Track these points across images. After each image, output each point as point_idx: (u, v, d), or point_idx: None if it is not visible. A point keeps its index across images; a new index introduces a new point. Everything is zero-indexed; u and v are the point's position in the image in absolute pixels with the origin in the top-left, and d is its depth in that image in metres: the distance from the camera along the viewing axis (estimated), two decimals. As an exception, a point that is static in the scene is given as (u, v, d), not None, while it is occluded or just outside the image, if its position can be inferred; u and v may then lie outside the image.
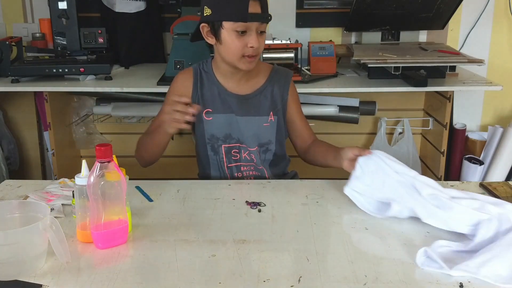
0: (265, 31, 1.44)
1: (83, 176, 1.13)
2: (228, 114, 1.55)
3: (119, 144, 2.74)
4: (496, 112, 2.78)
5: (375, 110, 2.62)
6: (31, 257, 1.03)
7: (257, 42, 1.41)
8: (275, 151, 1.61)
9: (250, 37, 1.41)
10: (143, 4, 2.57)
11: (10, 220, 1.10)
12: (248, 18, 1.38)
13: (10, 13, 2.71)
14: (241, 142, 1.57)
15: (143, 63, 2.65)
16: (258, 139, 1.58)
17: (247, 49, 1.42)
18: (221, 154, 1.58)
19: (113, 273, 1.02)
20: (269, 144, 1.59)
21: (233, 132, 1.56)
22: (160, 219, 1.26)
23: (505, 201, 1.23)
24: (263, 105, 1.57)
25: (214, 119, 1.56)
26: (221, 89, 1.56)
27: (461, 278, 0.98)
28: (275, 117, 1.58)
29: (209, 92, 1.56)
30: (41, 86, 2.26)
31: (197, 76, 1.57)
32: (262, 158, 1.60)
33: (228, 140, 1.57)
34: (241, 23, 1.39)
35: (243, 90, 1.56)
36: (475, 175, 2.53)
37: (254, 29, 1.40)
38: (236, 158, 1.59)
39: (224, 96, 1.55)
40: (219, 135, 1.57)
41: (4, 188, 1.44)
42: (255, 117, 1.56)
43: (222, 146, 1.57)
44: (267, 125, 1.57)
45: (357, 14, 2.47)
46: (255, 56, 1.45)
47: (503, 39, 2.68)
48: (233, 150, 1.58)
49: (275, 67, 1.63)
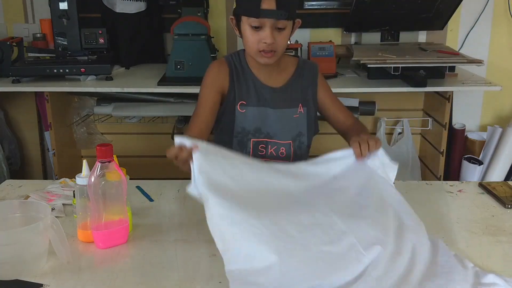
0: (285, 27, 1.41)
1: (84, 176, 1.14)
2: (262, 107, 1.54)
3: (120, 144, 2.75)
4: (495, 112, 2.78)
5: (375, 110, 2.62)
6: (32, 257, 1.03)
7: (271, 38, 1.40)
8: (308, 143, 1.61)
9: (264, 33, 1.41)
10: (144, 5, 2.58)
11: (11, 220, 1.10)
12: (260, 14, 1.38)
13: (11, 13, 2.71)
14: (270, 137, 1.55)
15: (143, 64, 2.65)
16: (290, 131, 1.57)
17: (262, 44, 1.42)
18: (248, 148, 1.55)
19: (113, 272, 1.03)
20: (301, 136, 1.58)
21: (263, 126, 1.55)
22: (161, 219, 1.26)
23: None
24: (293, 97, 1.57)
25: (247, 112, 1.53)
26: (256, 82, 1.54)
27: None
28: (304, 108, 1.57)
29: (245, 84, 1.54)
30: (42, 86, 2.27)
31: (232, 67, 1.54)
32: (298, 154, 1.59)
33: (258, 134, 1.55)
34: (254, 19, 1.40)
35: (275, 83, 1.56)
36: (474, 175, 2.53)
37: (269, 25, 1.39)
38: (262, 153, 1.56)
39: (258, 89, 1.54)
40: (250, 128, 1.54)
41: (5, 188, 1.44)
42: (286, 109, 1.56)
43: (251, 140, 1.55)
44: (296, 116, 1.57)
45: (356, 15, 2.47)
46: (272, 52, 1.43)
47: (503, 39, 2.69)
48: (260, 145, 1.56)
49: (301, 59, 1.62)
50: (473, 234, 1.20)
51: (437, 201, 1.35)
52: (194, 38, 2.26)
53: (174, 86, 2.22)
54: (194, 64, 2.25)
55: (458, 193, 1.43)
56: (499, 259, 1.10)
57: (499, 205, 1.36)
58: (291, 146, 1.57)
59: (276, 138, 1.55)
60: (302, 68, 1.59)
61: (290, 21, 1.42)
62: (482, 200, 1.39)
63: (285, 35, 1.43)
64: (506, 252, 1.13)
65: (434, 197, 1.38)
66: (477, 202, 1.37)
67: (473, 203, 1.37)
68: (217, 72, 1.54)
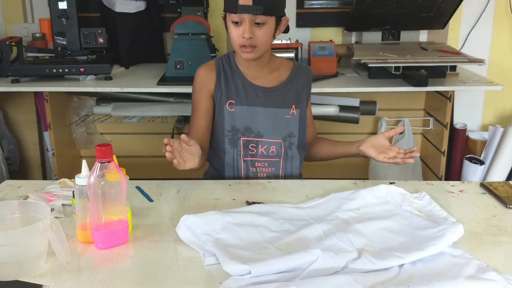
0: (264, 22, 1.47)
1: (83, 176, 1.13)
2: (252, 106, 1.58)
3: (119, 144, 2.75)
4: (497, 112, 2.77)
5: (376, 110, 2.62)
6: (31, 257, 1.03)
7: (248, 33, 1.46)
8: (299, 144, 1.63)
9: (242, 28, 1.47)
10: (143, 4, 2.57)
11: (10, 220, 1.10)
12: (238, 9, 1.44)
13: (10, 13, 2.70)
14: (261, 136, 1.58)
15: (143, 63, 2.65)
16: (280, 131, 1.60)
17: (242, 39, 1.48)
18: (239, 147, 1.58)
19: (113, 273, 1.02)
20: (292, 137, 1.61)
21: (253, 125, 1.58)
22: (160, 219, 1.26)
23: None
24: (287, 98, 1.61)
25: (236, 111, 1.58)
26: (246, 81, 1.59)
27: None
28: (297, 110, 1.62)
29: (233, 83, 1.59)
30: (41, 86, 2.26)
31: (220, 68, 1.60)
32: (289, 154, 1.61)
33: (248, 133, 1.58)
34: (234, 14, 1.46)
35: (268, 83, 1.61)
36: (476, 175, 2.52)
37: (247, 20, 1.46)
38: (252, 152, 1.59)
39: (248, 88, 1.59)
40: (240, 126, 1.58)
41: (4, 188, 1.44)
42: (279, 109, 1.60)
43: (241, 139, 1.58)
44: (288, 117, 1.60)
45: (357, 14, 2.47)
46: (252, 47, 1.49)
47: (504, 38, 2.68)
48: (250, 144, 1.59)
49: (296, 63, 1.68)
50: (474, 234, 1.19)
51: (438, 201, 1.34)
52: (194, 37, 2.26)
53: (174, 86, 2.21)
54: (194, 63, 2.25)
55: (460, 193, 1.43)
56: (500, 259, 1.09)
57: (500, 205, 1.35)
58: (282, 146, 1.60)
59: (265, 137, 1.59)
60: (298, 71, 1.65)
61: (270, 17, 1.47)
62: (484, 200, 1.38)
63: (265, 30, 1.48)
64: (507, 252, 1.13)
65: (435, 197, 1.37)
66: (479, 202, 1.37)
67: (475, 203, 1.36)
68: (202, 75, 1.61)
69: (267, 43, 1.51)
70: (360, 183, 1.49)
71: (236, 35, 1.49)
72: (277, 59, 1.65)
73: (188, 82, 2.19)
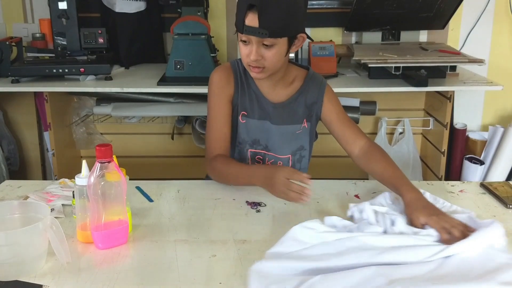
0: (272, 44, 1.35)
1: (83, 177, 1.13)
2: (263, 120, 1.51)
3: (119, 144, 2.75)
4: (497, 112, 2.77)
5: (376, 110, 2.62)
6: (31, 258, 1.03)
7: (255, 55, 1.36)
8: (309, 156, 1.58)
9: (249, 48, 1.37)
10: (143, 4, 2.57)
11: (10, 220, 1.10)
12: (244, 30, 1.34)
13: (10, 13, 2.70)
14: (268, 150, 1.54)
15: (143, 63, 2.64)
16: (290, 147, 1.54)
17: (249, 59, 1.38)
18: (247, 159, 1.54)
19: (113, 273, 1.02)
20: (302, 150, 1.56)
21: (261, 139, 1.52)
22: (160, 219, 1.26)
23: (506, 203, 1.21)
24: (298, 113, 1.53)
25: (247, 123, 1.51)
26: (259, 94, 1.51)
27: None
28: (308, 123, 1.54)
29: (247, 94, 1.51)
30: (41, 86, 2.26)
31: (237, 74, 1.51)
32: (297, 167, 1.56)
33: (255, 145, 1.53)
34: (241, 34, 1.37)
35: (278, 98, 1.51)
36: (476, 175, 2.52)
37: (254, 41, 1.35)
38: (259, 163, 1.55)
39: (261, 102, 1.51)
40: (248, 139, 1.53)
41: (4, 189, 1.44)
42: (290, 126, 1.52)
43: (248, 151, 1.54)
44: (299, 132, 1.54)
45: (357, 14, 2.47)
46: (259, 68, 1.39)
47: (504, 39, 2.68)
48: (257, 156, 1.54)
49: (310, 73, 1.56)
50: (475, 234, 1.19)
51: (438, 201, 1.34)
52: (194, 37, 2.26)
53: (174, 86, 2.21)
54: (194, 64, 2.25)
55: (460, 193, 1.43)
56: (501, 260, 1.09)
57: (500, 205, 1.35)
58: (290, 160, 1.56)
59: (274, 152, 1.54)
60: (309, 82, 1.54)
61: (280, 39, 1.35)
62: (484, 200, 1.38)
63: (274, 52, 1.36)
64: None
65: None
66: (479, 202, 1.37)
67: (475, 203, 1.36)
68: (220, 79, 1.50)
69: (276, 64, 1.40)
70: (360, 183, 1.49)
71: (244, 54, 1.39)
72: (292, 71, 1.52)
73: (188, 82, 2.20)
